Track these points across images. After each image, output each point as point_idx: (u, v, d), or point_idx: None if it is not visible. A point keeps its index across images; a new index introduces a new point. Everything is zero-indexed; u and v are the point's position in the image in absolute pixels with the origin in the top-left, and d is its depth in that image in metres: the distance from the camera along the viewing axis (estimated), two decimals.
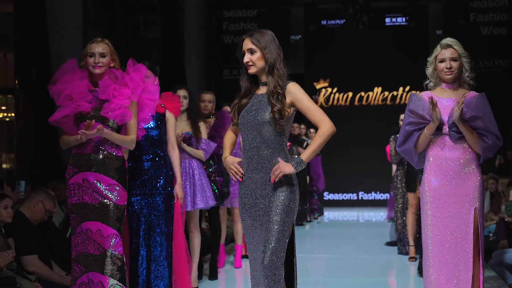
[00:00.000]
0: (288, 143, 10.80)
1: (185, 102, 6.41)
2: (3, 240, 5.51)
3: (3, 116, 16.33)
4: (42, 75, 10.12)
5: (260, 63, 3.95)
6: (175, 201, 5.61)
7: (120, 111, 4.67)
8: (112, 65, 4.76)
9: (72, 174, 4.69)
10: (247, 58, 3.96)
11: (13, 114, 13.45)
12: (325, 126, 3.87)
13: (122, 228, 4.71)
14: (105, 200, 4.62)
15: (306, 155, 3.88)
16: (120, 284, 4.58)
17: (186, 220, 6.37)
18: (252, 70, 3.98)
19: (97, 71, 4.68)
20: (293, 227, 3.96)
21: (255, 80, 4.06)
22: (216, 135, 7.03)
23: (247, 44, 3.97)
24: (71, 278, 4.69)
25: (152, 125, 5.48)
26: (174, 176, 5.60)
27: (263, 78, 4.00)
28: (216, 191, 6.94)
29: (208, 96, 7.17)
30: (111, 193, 4.63)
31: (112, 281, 4.55)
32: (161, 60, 13.84)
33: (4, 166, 14.67)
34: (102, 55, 4.68)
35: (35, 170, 10.09)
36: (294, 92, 3.93)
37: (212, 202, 6.55)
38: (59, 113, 4.70)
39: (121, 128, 4.76)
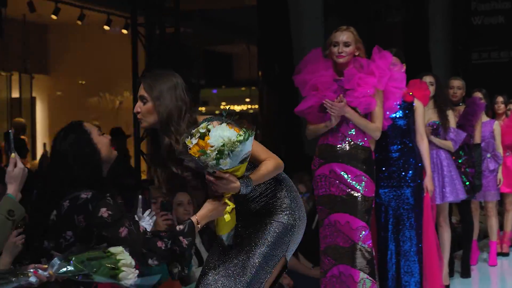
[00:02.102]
0: None
1: (431, 89, 6.28)
2: None
3: (247, 108, 17.14)
4: (284, 67, 10.47)
5: (151, 118, 3.17)
6: (425, 194, 5.51)
7: (365, 100, 4.69)
8: (356, 53, 4.77)
9: (319, 165, 4.80)
10: (138, 107, 3.18)
11: (256, 106, 14.06)
12: None
13: (370, 220, 4.74)
14: (353, 192, 4.67)
15: (255, 176, 3.13)
16: (370, 278, 4.61)
17: (436, 214, 6.24)
18: (143, 124, 3.22)
19: (341, 60, 4.72)
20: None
21: None
22: (466, 123, 6.84)
23: (140, 89, 3.21)
24: (320, 270, 4.81)
25: (399, 115, 5.42)
26: (423, 167, 5.50)
27: None
28: (467, 183, 6.73)
29: (457, 83, 6.99)
30: (359, 184, 4.68)
31: (362, 275, 4.59)
32: (403, 45, 13.69)
33: None
34: (346, 44, 4.71)
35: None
36: None
37: (462, 195, 6.36)
38: (304, 104, 4.84)
39: (366, 117, 4.77)
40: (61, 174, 3.12)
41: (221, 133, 2.90)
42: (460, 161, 6.69)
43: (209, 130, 2.93)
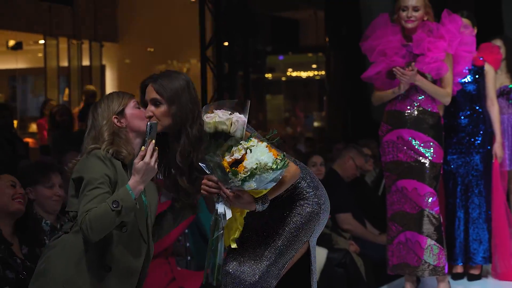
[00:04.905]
0: None
1: (502, 53, 6.13)
2: None
3: (314, 75, 17.07)
4: (352, 32, 10.36)
5: (166, 121, 2.99)
6: (494, 161, 5.42)
7: (436, 65, 4.63)
8: (425, 18, 4.71)
9: (386, 132, 4.77)
10: (149, 111, 2.99)
11: (323, 73, 13.99)
12: None
13: (438, 187, 4.69)
14: (421, 158, 4.63)
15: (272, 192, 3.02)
16: (437, 244, 4.58)
17: (508, 181, 6.12)
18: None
19: (409, 25, 4.67)
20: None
21: None
22: None
23: (150, 92, 3.01)
24: (387, 237, 4.80)
25: (469, 79, 5.32)
26: (493, 133, 5.40)
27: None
28: None
29: None
30: (427, 150, 4.64)
31: (429, 241, 4.57)
32: (474, 7, 13.33)
33: (315, 124, 15.34)
34: (416, 9, 4.65)
35: (346, 128, 10.43)
36: None
37: None
38: (372, 70, 4.80)
39: (436, 82, 4.72)
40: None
41: (259, 157, 2.79)
42: None
43: (250, 150, 2.83)
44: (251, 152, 2.81)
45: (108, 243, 2.96)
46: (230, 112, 2.91)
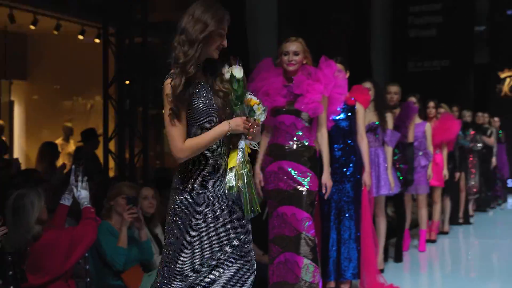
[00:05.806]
0: (472, 132, 10.40)
1: (371, 94, 6.36)
2: None
3: None
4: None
5: None
6: (363, 188, 5.57)
7: (313, 105, 4.72)
8: (304, 62, 4.81)
9: (269, 163, 4.81)
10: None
11: None
12: None
13: (314, 212, 4.77)
14: (299, 187, 4.70)
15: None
16: (312, 263, 4.63)
17: (373, 206, 6.31)
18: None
19: (291, 68, 4.76)
20: None
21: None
22: (401, 125, 6.95)
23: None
24: (269, 257, 4.82)
25: (342, 117, 5.48)
26: (362, 164, 5.56)
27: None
28: (401, 178, 6.84)
29: (394, 88, 7.09)
30: (304, 179, 4.70)
31: (306, 261, 4.62)
32: (348, 55, 13.80)
33: None
34: (296, 54, 4.74)
35: None
36: None
37: (396, 189, 6.45)
38: None
39: (312, 120, 4.81)
40: None
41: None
42: (395, 158, 6.78)
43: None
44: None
45: None
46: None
